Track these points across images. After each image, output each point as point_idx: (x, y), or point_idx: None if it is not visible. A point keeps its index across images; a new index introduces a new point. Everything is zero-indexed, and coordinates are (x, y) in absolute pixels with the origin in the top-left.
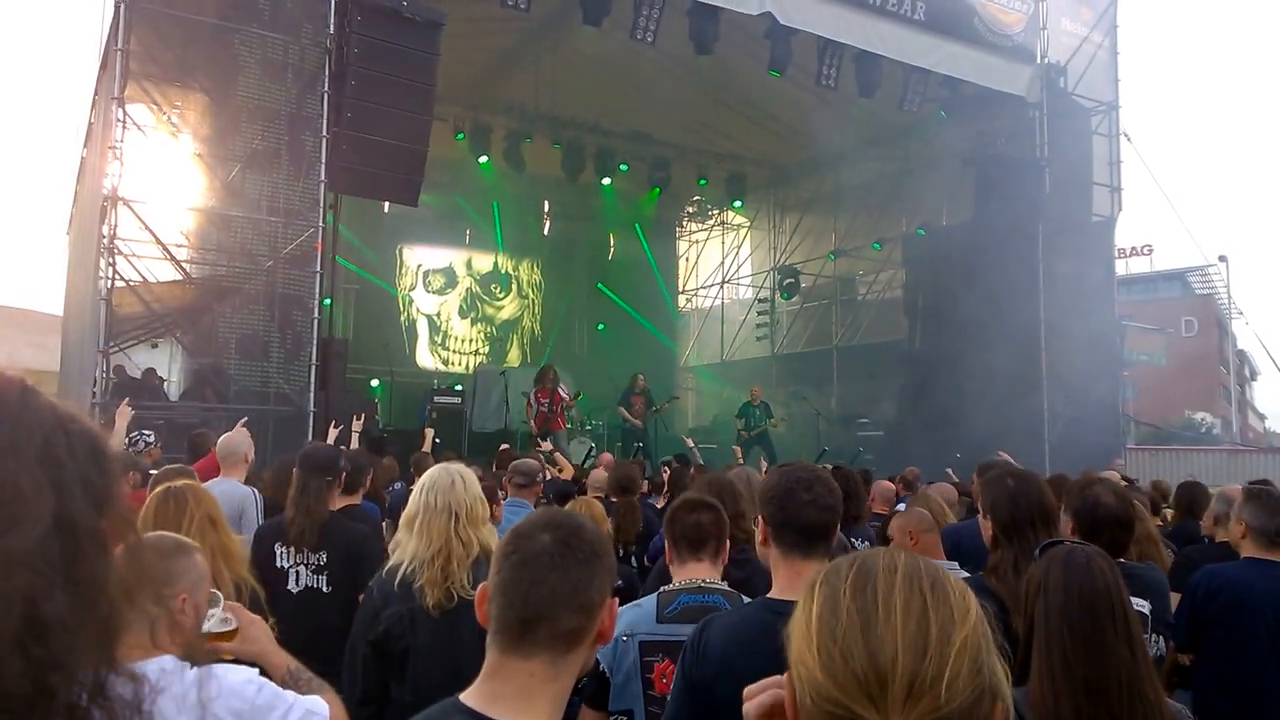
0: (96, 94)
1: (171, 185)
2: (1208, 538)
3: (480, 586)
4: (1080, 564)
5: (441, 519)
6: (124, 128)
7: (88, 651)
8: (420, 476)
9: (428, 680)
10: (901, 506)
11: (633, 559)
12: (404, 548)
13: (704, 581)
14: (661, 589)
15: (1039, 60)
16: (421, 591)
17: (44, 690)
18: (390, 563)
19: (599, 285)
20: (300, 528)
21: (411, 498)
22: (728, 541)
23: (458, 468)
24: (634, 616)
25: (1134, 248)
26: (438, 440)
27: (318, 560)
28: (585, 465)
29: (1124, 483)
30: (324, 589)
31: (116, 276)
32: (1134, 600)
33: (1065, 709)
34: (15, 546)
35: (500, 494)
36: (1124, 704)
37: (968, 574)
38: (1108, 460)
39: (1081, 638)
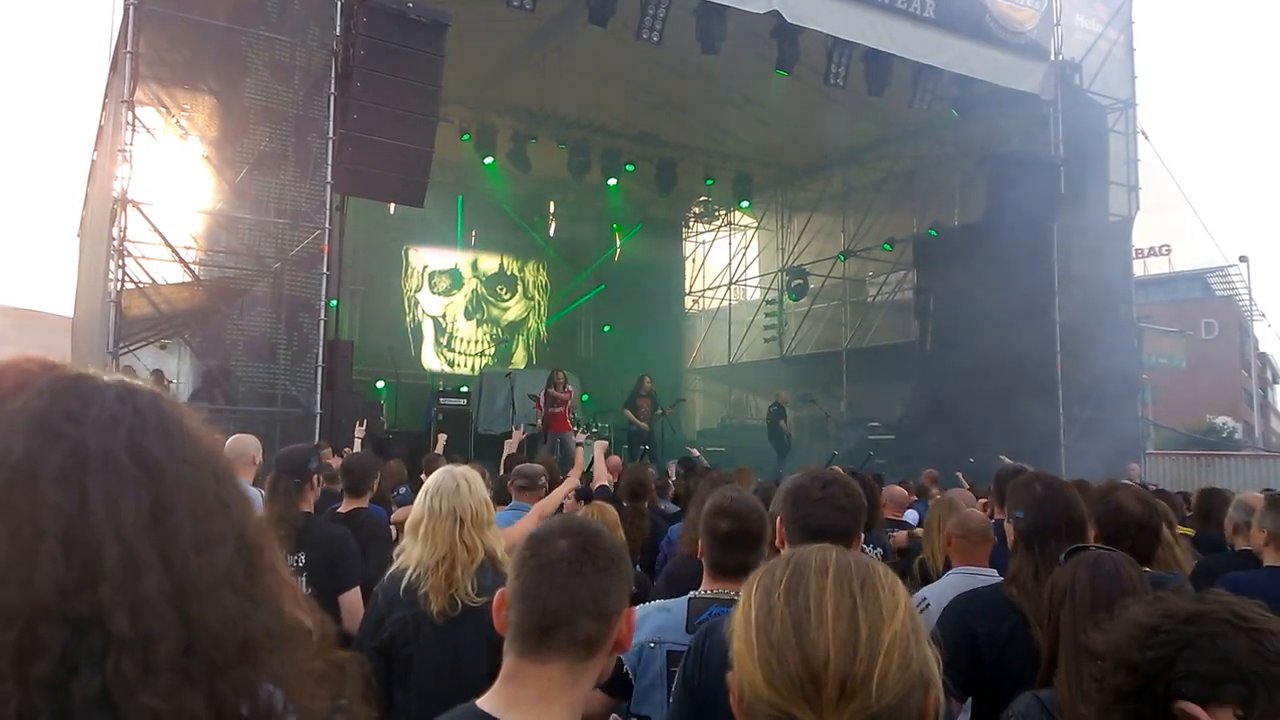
0: (106, 97)
1: (180, 187)
2: (1229, 546)
3: (499, 592)
4: (1108, 571)
5: (446, 524)
6: (133, 130)
7: (284, 670)
8: (428, 478)
9: (432, 687)
10: (912, 512)
11: (637, 567)
12: (408, 553)
13: (737, 594)
14: (692, 595)
15: (1053, 57)
16: (426, 598)
17: (258, 713)
18: (395, 567)
19: (603, 286)
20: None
21: (416, 502)
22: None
23: (463, 470)
24: (662, 622)
25: (1152, 248)
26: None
27: (296, 562)
28: (590, 469)
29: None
30: (304, 591)
31: (125, 278)
32: None
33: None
34: (221, 564)
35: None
36: None
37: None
38: (1124, 466)
39: None
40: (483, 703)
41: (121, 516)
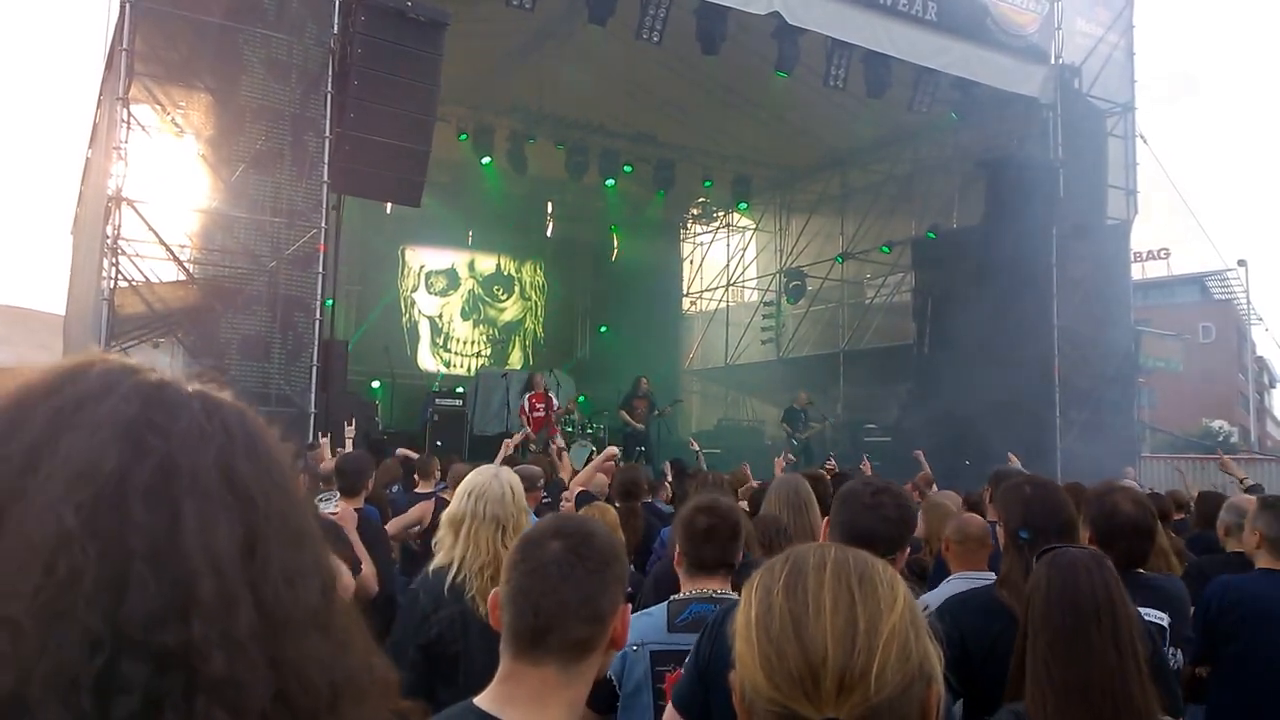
0: (101, 94)
1: (175, 185)
2: (1221, 548)
3: (493, 592)
4: (1064, 565)
5: (489, 530)
6: (128, 128)
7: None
8: (460, 482)
9: (480, 683)
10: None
11: (631, 566)
12: (447, 550)
13: (715, 592)
14: (672, 598)
15: (1053, 61)
16: (474, 600)
17: None
18: (435, 564)
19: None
20: None
21: (456, 499)
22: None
23: (508, 476)
24: (644, 626)
25: (1150, 252)
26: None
27: None
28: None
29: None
30: None
31: (119, 276)
32: (1152, 613)
33: (1052, 712)
34: (311, 602)
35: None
36: (1106, 708)
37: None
38: (1120, 469)
39: (1062, 641)
40: (480, 700)
41: (217, 543)
